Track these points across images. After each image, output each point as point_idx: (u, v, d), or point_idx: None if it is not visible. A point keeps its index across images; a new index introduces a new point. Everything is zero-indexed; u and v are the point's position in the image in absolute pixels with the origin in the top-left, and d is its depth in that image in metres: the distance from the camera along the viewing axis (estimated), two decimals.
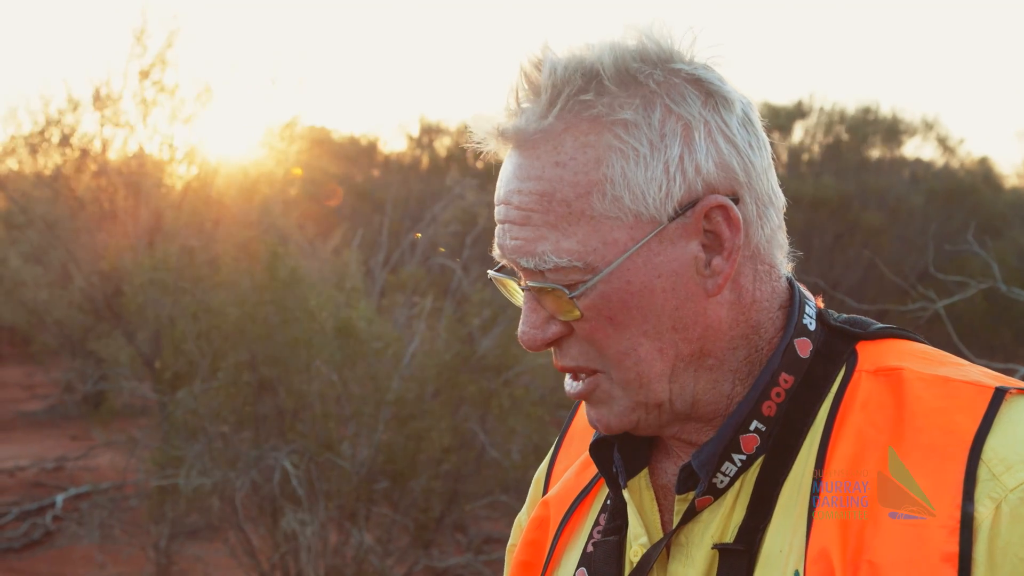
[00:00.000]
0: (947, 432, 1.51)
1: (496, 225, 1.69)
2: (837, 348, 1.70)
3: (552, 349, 1.69)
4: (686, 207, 1.61)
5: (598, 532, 1.84)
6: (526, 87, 1.64)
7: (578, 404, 2.09)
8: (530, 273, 1.62)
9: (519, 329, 1.67)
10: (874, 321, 1.76)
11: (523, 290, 1.66)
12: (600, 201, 1.59)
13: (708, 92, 1.64)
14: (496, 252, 1.70)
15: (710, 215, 1.62)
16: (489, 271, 1.77)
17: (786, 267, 1.77)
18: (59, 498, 15.25)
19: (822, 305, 1.80)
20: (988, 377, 1.59)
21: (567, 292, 1.59)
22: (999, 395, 1.54)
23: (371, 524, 11.22)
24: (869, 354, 1.67)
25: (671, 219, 1.60)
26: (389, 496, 11.15)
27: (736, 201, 1.63)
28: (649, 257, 1.60)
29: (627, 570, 1.75)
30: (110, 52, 21.97)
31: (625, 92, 1.61)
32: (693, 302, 1.62)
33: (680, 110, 1.62)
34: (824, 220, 24.22)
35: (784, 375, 1.66)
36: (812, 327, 1.71)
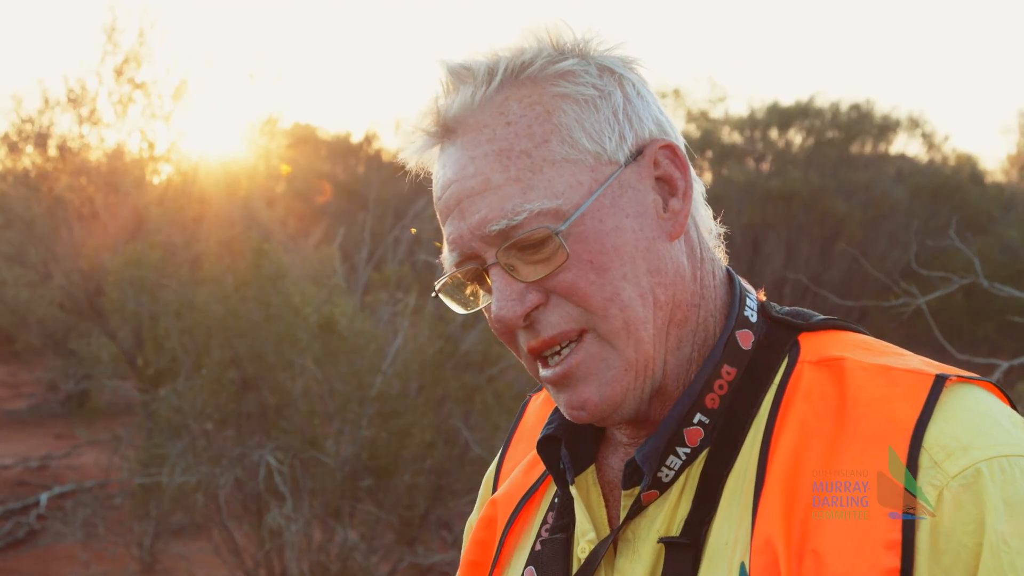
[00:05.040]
0: (888, 421, 1.51)
1: (445, 223, 1.68)
2: (779, 340, 1.70)
3: (523, 333, 1.66)
4: (636, 152, 1.64)
5: (546, 530, 1.83)
6: (455, 79, 1.66)
7: (526, 403, 2.11)
8: (501, 235, 1.60)
9: (494, 309, 1.63)
10: (816, 313, 1.76)
11: (491, 267, 1.63)
12: (559, 145, 1.60)
13: (626, 61, 1.70)
14: (448, 254, 1.68)
15: (658, 160, 1.66)
16: (437, 283, 1.73)
17: (721, 256, 1.80)
18: (43, 497, 15.21)
19: (764, 298, 1.80)
20: (929, 365, 1.60)
21: (551, 228, 1.57)
22: (939, 383, 1.54)
23: (356, 521, 11.21)
24: (811, 345, 1.68)
25: (627, 162, 1.63)
26: (373, 493, 11.13)
27: None
28: (614, 199, 1.61)
29: (575, 567, 1.74)
30: (83, 50, 21.89)
31: (560, 55, 1.66)
32: (660, 244, 1.64)
33: (611, 66, 1.67)
34: (808, 217, 24.26)
35: (726, 367, 1.67)
36: (753, 319, 1.72)
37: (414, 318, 12.54)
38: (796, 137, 28.18)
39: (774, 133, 27.91)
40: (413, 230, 17.92)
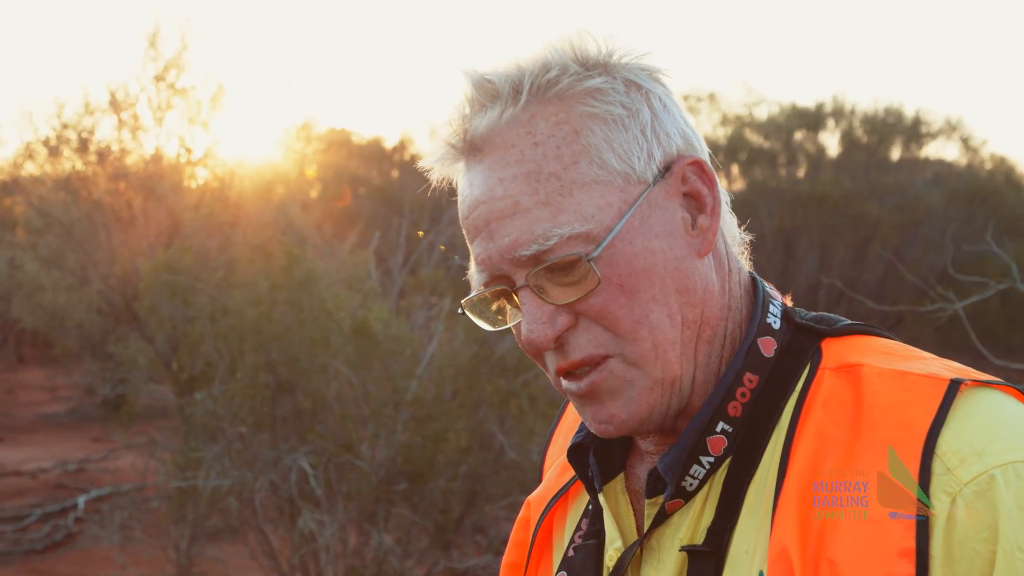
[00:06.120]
0: (901, 426, 1.51)
1: (472, 242, 1.67)
2: (802, 346, 1.70)
3: (551, 354, 1.66)
4: (664, 169, 1.63)
5: (579, 536, 1.84)
6: (480, 94, 1.65)
7: (566, 403, 2.10)
8: (532, 260, 1.59)
9: (524, 331, 1.62)
10: (842, 318, 1.75)
11: (521, 289, 1.62)
12: (588, 167, 1.59)
13: (652, 72, 1.69)
14: (476, 273, 1.68)
15: (686, 176, 1.65)
16: (464, 301, 1.71)
17: (745, 262, 1.79)
18: (81, 500, 15.31)
19: (790, 303, 1.80)
20: (947, 370, 1.58)
21: (584, 255, 1.56)
22: (954, 387, 1.53)
23: (390, 525, 11.22)
24: (833, 351, 1.67)
25: (655, 180, 1.62)
26: (408, 497, 11.14)
27: None
28: (643, 219, 1.60)
29: (604, 574, 1.75)
30: (125, 56, 22.04)
31: (585, 70, 1.64)
32: (689, 263, 1.63)
33: (638, 80, 1.66)
34: (844, 221, 24.14)
35: (749, 375, 1.66)
36: (776, 326, 1.72)
37: (449, 322, 12.55)
38: (828, 140, 28.08)
39: (805, 136, 27.79)
40: (443, 247, 17.96)
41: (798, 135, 27.74)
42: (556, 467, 1.98)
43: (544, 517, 1.92)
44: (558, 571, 1.83)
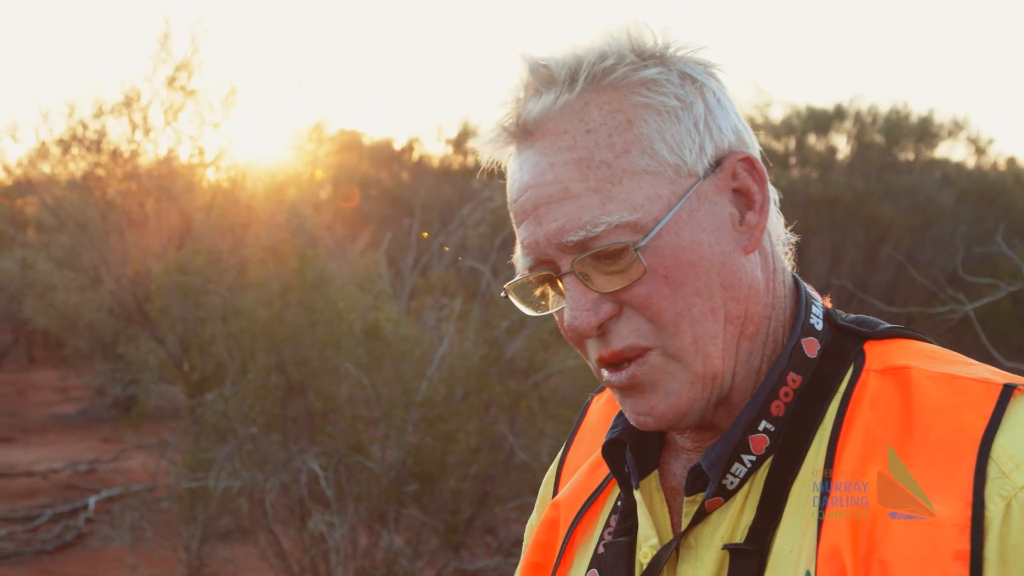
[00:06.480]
0: (956, 430, 1.50)
1: (520, 226, 1.67)
2: (845, 348, 1.70)
3: (593, 342, 1.66)
4: (715, 164, 1.64)
5: (609, 533, 1.83)
6: (536, 79, 1.65)
7: (588, 403, 2.10)
8: (579, 247, 1.60)
9: (567, 317, 1.62)
10: (881, 321, 1.75)
11: (566, 275, 1.62)
12: (640, 156, 1.59)
13: (707, 67, 1.69)
14: (522, 257, 1.68)
15: (736, 172, 1.66)
16: (508, 285, 1.72)
17: (789, 264, 1.80)
18: (91, 500, 15.32)
19: (830, 305, 1.80)
20: (996, 375, 1.58)
21: (631, 244, 1.57)
22: (1007, 392, 1.53)
23: (401, 526, 11.23)
24: (877, 354, 1.67)
25: (706, 174, 1.63)
26: (418, 498, 11.15)
27: None
28: (692, 212, 1.61)
29: (637, 572, 1.74)
30: (137, 58, 22.10)
31: (641, 60, 1.64)
32: (735, 259, 1.64)
33: (693, 74, 1.66)
34: (856, 223, 24.10)
35: (792, 375, 1.66)
36: (819, 327, 1.72)
37: (459, 324, 12.56)
38: (838, 141, 28.04)
39: (815, 137, 27.76)
40: (446, 248, 17.95)
41: (810, 137, 27.71)
42: (586, 467, 1.97)
43: (581, 518, 1.91)
44: (588, 568, 1.83)
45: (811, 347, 1.69)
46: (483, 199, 18.08)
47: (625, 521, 1.80)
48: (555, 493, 2.05)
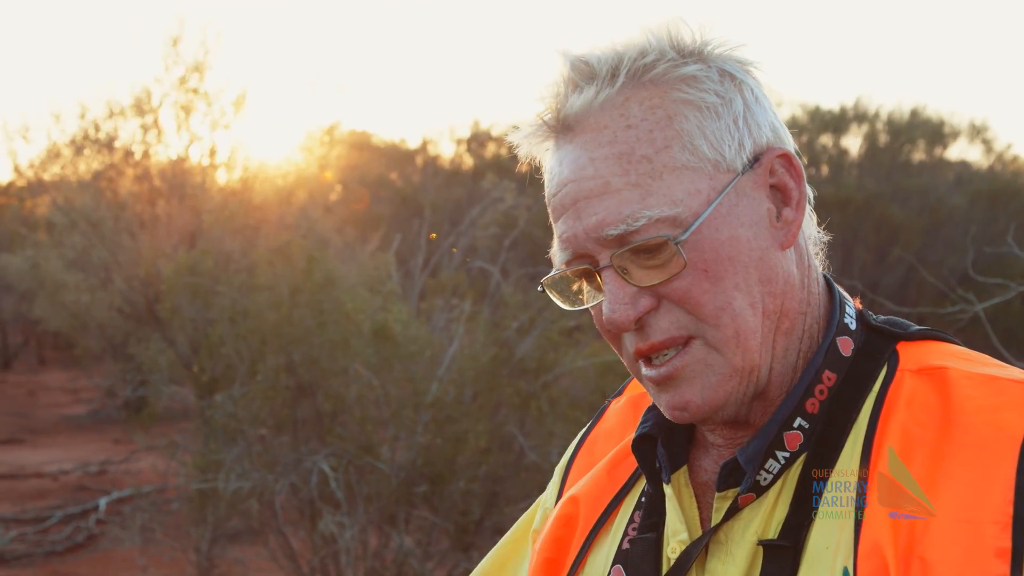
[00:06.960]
0: (997, 429, 1.51)
1: (558, 220, 1.68)
2: (878, 347, 1.71)
3: (630, 336, 1.67)
4: (753, 160, 1.65)
5: (633, 529, 1.83)
6: (576, 75, 1.66)
7: (605, 407, 2.10)
8: (618, 241, 1.61)
9: (605, 311, 1.63)
10: (912, 323, 1.77)
11: (605, 269, 1.63)
12: (680, 152, 1.60)
13: (745, 64, 1.71)
14: (559, 251, 1.69)
15: (774, 168, 1.67)
16: (545, 279, 1.73)
17: (821, 263, 1.80)
18: (102, 501, 15.37)
19: (860, 306, 1.81)
20: None
21: (671, 238, 1.58)
22: None
23: (411, 527, 11.22)
24: (911, 354, 1.68)
25: (744, 170, 1.64)
26: (429, 499, 11.15)
27: None
28: (730, 208, 1.62)
29: (664, 567, 1.74)
30: (149, 59, 22.16)
31: (681, 57, 1.66)
32: (772, 254, 1.65)
33: (732, 71, 1.68)
34: (866, 223, 24.08)
35: (827, 372, 1.68)
36: (853, 327, 1.73)
37: (469, 324, 12.55)
38: (850, 142, 28.01)
39: (827, 138, 27.74)
40: (454, 249, 17.96)
41: (821, 137, 27.68)
42: (604, 466, 1.97)
43: (608, 516, 1.91)
44: (612, 564, 1.82)
45: (845, 346, 1.70)
46: (493, 200, 18.10)
47: (650, 517, 1.81)
48: (559, 496, 2.04)
